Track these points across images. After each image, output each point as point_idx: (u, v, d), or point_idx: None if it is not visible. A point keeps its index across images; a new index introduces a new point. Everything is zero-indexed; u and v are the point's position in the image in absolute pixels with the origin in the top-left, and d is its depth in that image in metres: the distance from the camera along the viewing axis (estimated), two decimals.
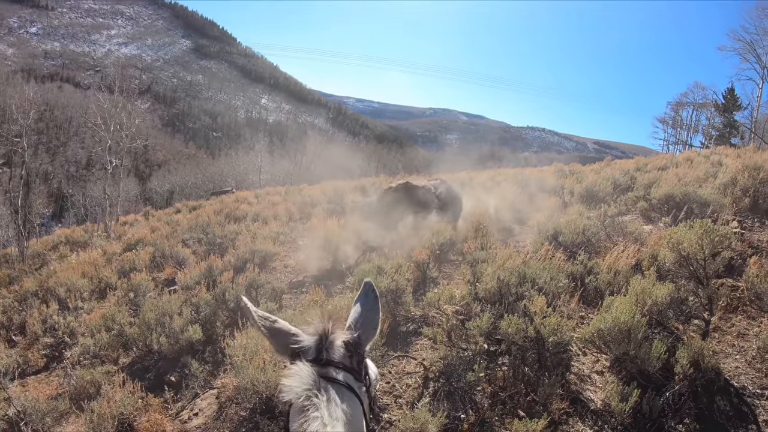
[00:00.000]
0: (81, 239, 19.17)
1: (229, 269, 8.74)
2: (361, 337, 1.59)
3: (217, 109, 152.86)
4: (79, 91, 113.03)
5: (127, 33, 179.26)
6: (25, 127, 19.97)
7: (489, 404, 4.23)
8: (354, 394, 1.43)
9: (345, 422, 1.31)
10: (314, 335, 1.49)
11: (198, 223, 14.68)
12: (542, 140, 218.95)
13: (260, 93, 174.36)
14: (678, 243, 5.36)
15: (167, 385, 5.88)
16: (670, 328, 4.75)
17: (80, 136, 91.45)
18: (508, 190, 12.73)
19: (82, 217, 45.03)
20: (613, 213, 8.68)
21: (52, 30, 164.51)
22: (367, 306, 1.69)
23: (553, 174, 15.06)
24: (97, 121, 23.30)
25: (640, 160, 17.03)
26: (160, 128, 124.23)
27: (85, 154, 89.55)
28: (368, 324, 1.65)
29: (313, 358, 1.44)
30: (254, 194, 22.74)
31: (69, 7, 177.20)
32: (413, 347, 5.37)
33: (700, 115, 44.49)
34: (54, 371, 7.33)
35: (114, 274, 10.65)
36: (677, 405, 3.89)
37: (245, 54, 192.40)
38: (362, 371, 1.54)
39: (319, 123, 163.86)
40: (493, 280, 5.42)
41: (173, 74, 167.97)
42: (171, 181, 67.24)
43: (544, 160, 32.55)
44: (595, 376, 4.45)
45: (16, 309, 9.96)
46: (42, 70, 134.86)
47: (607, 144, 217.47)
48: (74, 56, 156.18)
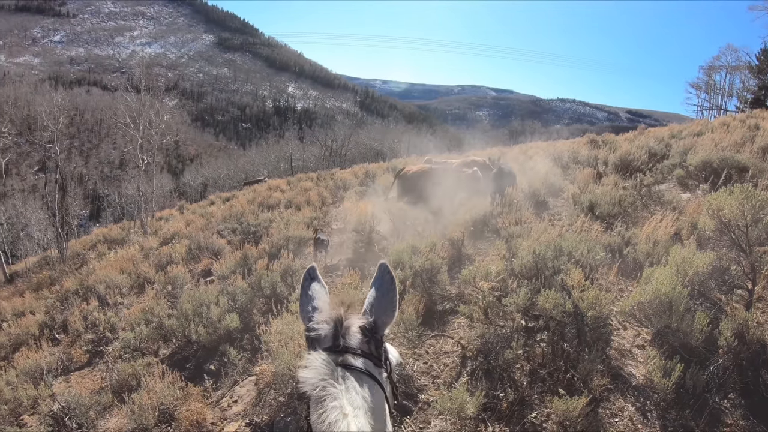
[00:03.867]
0: (118, 237, 19.68)
1: (263, 257, 8.84)
2: (378, 321, 1.53)
3: (244, 100, 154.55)
4: (107, 93, 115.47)
5: (149, 33, 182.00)
6: (56, 132, 20.50)
7: (528, 382, 4.16)
8: (374, 380, 1.39)
9: (366, 409, 1.28)
10: (329, 323, 1.45)
11: (232, 213, 14.89)
12: (573, 112, 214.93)
13: (286, 81, 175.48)
14: (718, 210, 5.16)
15: (207, 374, 5.97)
16: (712, 299, 4.57)
17: (111, 137, 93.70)
18: (541, 164, 12.51)
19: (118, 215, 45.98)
20: (649, 182, 8.44)
21: (75, 36, 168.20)
22: (383, 289, 1.62)
23: (585, 145, 14.72)
24: (126, 121, 23.77)
25: (675, 127, 16.55)
26: (189, 123, 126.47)
27: (117, 154, 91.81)
28: (385, 307, 1.58)
29: (329, 345, 1.40)
30: (286, 181, 22.96)
31: (90, 13, 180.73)
32: (450, 326, 5.31)
33: (734, 79, 43.05)
34: (96, 366, 7.52)
35: (152, 269, 10.87)
36: (721, 380, 3.74)
37: (268, 44, 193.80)
38: (381, 356, 1.50)
39: (347, 107, 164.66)
40: (528, 254, 5.31)
41: (198, 69, 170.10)
42: (203, 174, 68.27)
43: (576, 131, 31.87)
44: (636, 350, 4.32)
45: (58, 308, 10.28)
46: (69, 76, 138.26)
47: (640, 112, 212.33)
48: (99, 60, 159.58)
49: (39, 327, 9.41)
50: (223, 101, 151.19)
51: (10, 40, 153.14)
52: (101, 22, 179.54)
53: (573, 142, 17.21)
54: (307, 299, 1.61)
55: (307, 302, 1.60)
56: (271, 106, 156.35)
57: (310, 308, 1.57)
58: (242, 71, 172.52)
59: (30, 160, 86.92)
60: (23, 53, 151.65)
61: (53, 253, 19.91)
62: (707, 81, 44.92)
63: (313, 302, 1.58)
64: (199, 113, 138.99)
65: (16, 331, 9.28)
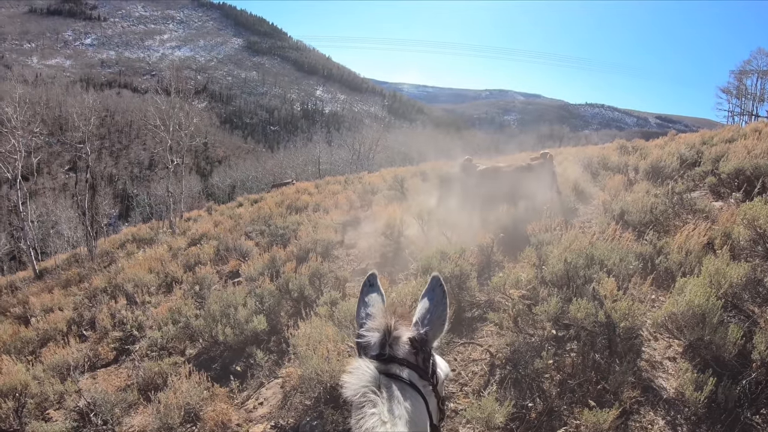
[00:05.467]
0: (147, 236, 20.00)
1: (291, 260, 8.88)
2: (428, 333, 1.54)
3: (272, 103, 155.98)
4: (137, 95, 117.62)
5: (179, 36, 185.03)
6: (87, 133, 20.98)
7: (557, 392, 4.11)
8: (418, 392, 1.40)
9: (407, 420, 1.28)
10: (378, 331, 1.45)
11: (260, 215, 15.02)
12: (602, 117, 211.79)
13: (314, 85, 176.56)
14: (754, 219, 5.07)
15: (233, 375, 6.01)
16: (746, 311, 4.47)
17: (141, 138, 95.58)
18: (570, 169, 12.35)
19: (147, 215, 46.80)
20: (680, 189, 8.27)
21: (106, 39, 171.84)
22: (435, 301, 1.63)
23: (615, 151, 14.49)
24: (156, 122, 24.18)
25: (706, 133, 16.16)
26: (218, 126, 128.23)
27: (147, 155, 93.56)
28: (436, 320, 1.59)
29: (376, 353, 1.41)
30: (314, 184, 23.07)
31: (121, 17, 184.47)
32: (479, 333, 5.28)
33: (766, 83, 42.07)
34: (123, 364, 7.65)
35: (179, 269, 11.01)
36: (754, 394, 3.65)
37: (297, 47, 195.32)
38: (428, 369, 1.49)
39: (375, 111, 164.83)
40: (559, 262, 5.26)
41: (227, 72, 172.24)
42: (232, 176, 69.15)
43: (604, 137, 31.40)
44: (668, 362, 4.25)
45: (86, 305, 10.47)
46: (100, 78, 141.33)
47: (670, 118, 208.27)
48: (130, 63, 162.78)
49: (67, 323, 9.59)
50: (252, 104, 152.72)
51: (42, 43, 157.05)
52: (131, 25, 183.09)
53: (602, 148, 16.96)
54: (362, 305, 1.63)
55: (362, 308, 1.62)
56: (299, 110, 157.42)
57: (363, 315, 1.58)
58: (270, 74, 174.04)
59: (61, 160, 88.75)
60: (55, 56, 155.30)
61: (82, 251, 20.32)
62: (738, 86, 44.04)
63: (367, 309, 1.59)
64: (227, 116, 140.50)
65: (45, 327, 9.46)
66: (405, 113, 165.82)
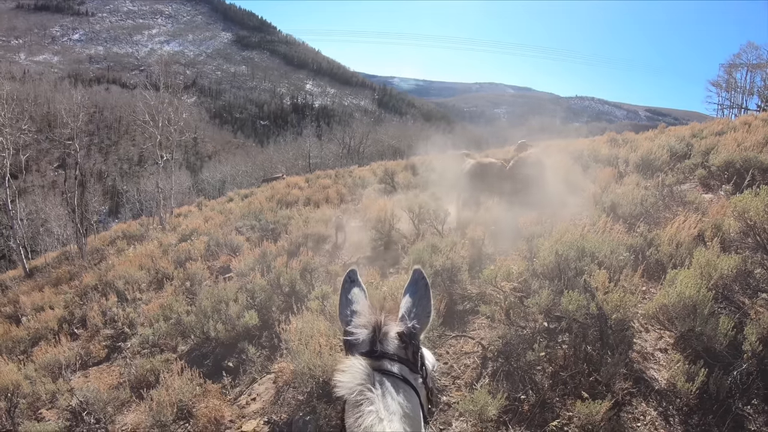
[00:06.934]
0: (137, 233, 19.88)
1: (282, 254, 8.85)
2: (416, 327, 1.53)
3: (262, 97, 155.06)
4: (126, 91, 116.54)
5: (167, 31, 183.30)
6: (75, 129, 20.74)
7: (549, 384, 4.13)
8: (410, 385, 1.40)
9: (402, 415, 1.28)
10: (367, 328, 1.45)
11: (250, 210, 14.98)
12: (592, 110, 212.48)
13: (304, 79, 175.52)
14: (743, 211, 5.10)
15: (225, 371, 6.00)
16: (737, 303, 4.51)
17: (131, 134, 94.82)
18: (560, 162, 12.37)
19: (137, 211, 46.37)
20: (670, 182, 8.31)
21: (94, 35, 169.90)
22: (418, 294, 1.61)
23: (605, 143, 14.54)
24: (145, 118, 23.97)
25: (696, 125, 16.25)
26: (207, 121, 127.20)
27: (136, 151, 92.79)
28: (422, 313, 1.58)
29: (366, 350, 1.41)
30: (305, 179, 23.02)
31: (109, 12, 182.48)
32: (470, 326, 5.28)
33: (755, 77, 42.34)
34: (115, 361, 7.62)
35: (170, 265, 10.96)
36: (745, 385, 3.69)
37: (286, 41, 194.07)
38: (418, 362, 1.49)
39: (365, 104, 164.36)
40: (551, 254, 5.26)
41: (217, 67, 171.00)
42: (222, 171, 68.66)
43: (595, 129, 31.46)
44: (659, 354, 4.27)
45: (77, 303, 10.41)
46: (88, 74, 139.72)
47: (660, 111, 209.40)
48: (118, 58, 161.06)
49: (58, 322, 9.55)
50: (241, 99, 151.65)
51: (29, 39, 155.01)
52: (120, 20, 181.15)
53: (593, 141, 16.97)
54: (346, 302, 1.61)
55: (347, 305, 1.60)
56: (288, 104, 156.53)
57: (348, 312, 1.57)
58: (260, 69, 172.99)
59: (50, 157, 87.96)
60: (43, 52, 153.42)
61: (72, 248, 20.13)
62: (728, 79, 44.23)
63: (352, 306, 1.58)
64: (217, 110, 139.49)
65: (36, 326, 9.42)
66: (395, 107, 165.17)
